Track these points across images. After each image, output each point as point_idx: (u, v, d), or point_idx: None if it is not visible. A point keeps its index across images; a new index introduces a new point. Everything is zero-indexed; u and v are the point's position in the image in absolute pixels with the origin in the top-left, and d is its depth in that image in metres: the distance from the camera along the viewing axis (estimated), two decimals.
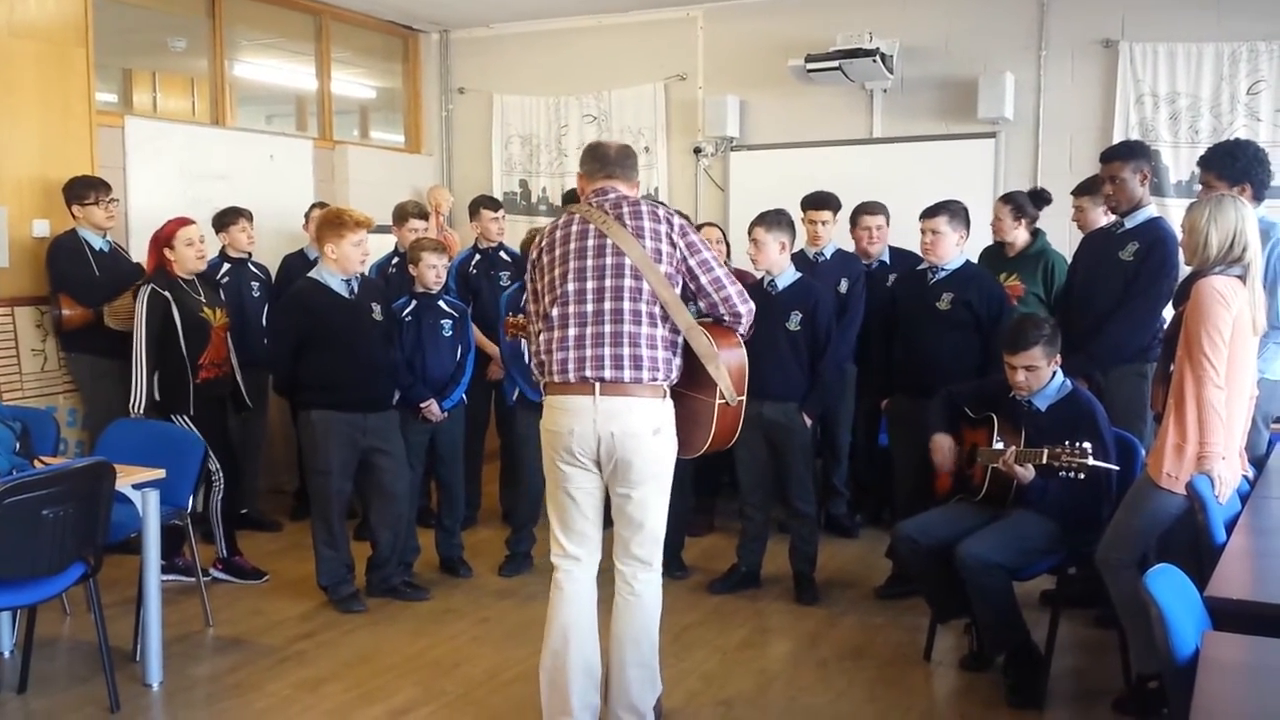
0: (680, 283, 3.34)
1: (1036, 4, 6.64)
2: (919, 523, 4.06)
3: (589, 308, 3.31)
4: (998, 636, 3.90)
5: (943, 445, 4.19)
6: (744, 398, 3.40)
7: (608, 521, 3.50)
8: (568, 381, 3.32)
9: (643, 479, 3.34)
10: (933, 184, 6.43)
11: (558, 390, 3.35)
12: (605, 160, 3.49)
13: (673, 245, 3.32)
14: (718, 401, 3.32)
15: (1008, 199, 5.41)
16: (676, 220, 3.38)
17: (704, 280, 3.33)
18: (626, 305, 3.29)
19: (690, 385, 3.39)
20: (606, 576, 3.45)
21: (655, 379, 3.31)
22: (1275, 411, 4.05)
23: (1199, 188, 4.27)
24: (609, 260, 3.31)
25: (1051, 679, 3.86)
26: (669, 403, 3.37)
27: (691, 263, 3.33)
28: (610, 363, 3.28)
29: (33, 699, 3.88)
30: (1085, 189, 5.25)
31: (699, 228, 5.96)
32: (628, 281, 3.29)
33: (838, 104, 7.14)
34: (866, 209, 5.82)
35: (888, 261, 5.79)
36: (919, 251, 4.90)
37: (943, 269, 4.71)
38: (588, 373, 3.29)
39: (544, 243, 3.45)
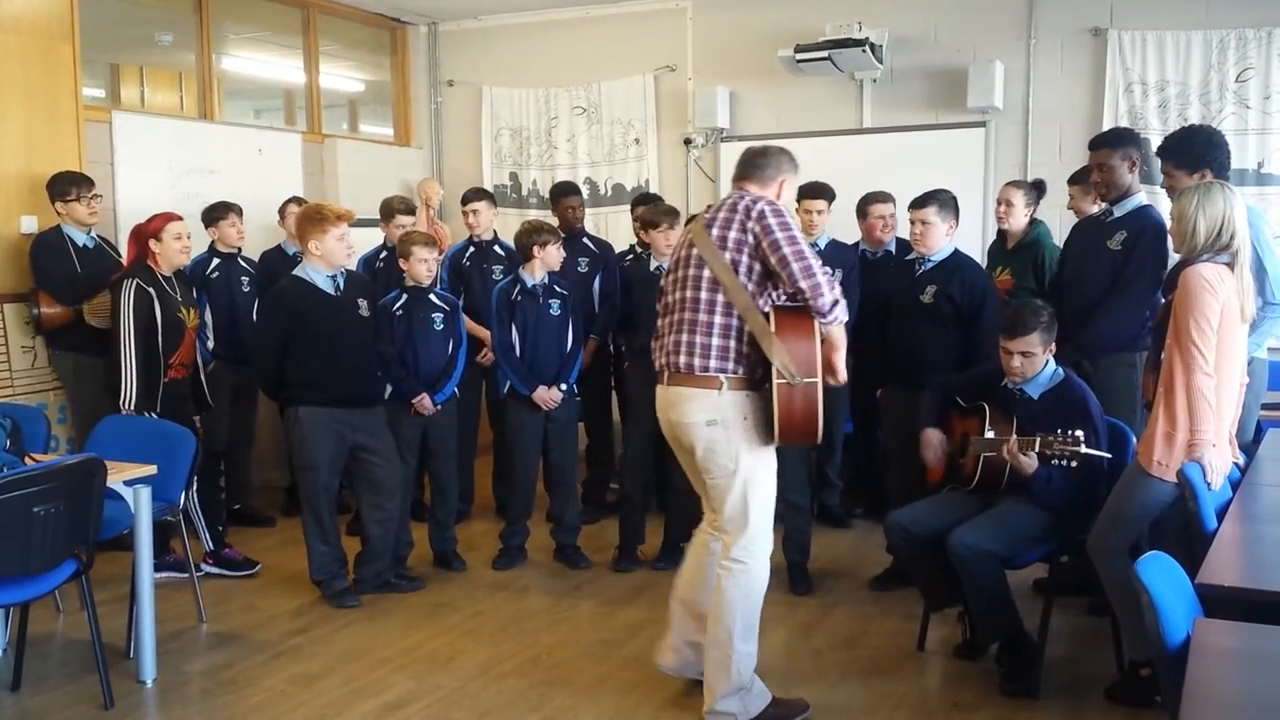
0: (754, 268, 3.38)
1: None
2: (911, 512, 4.07)
3: (670, 298, 3.55)
4: (991, 625, 3.92)
5: (932, 440, 4.19)
6: (816, 381, 3.33)
7: None
8: (655, 369, 3.60)
9: (708, 467, 3.46)
10: (923, 173, 6.39)
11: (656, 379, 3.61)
12: (741, 164, 3.65)
13: (744, 230, 3.38)
14: (777, 381, 3.30)
15: (1019, 184, 5.43)
16: (757, 207, 3.39)
17: (773, 260, 3.35)
18: (689, 293, 3.45)
19: (767, 374, 3.39)
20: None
21: (707, 368, 3.40)
22: (1264, 391, 4.06)
23: (1163, 178, 4.29)
24: (685, 254, 3.54)
25: (1045, 667, 3.87)
26: (733, 394, 3.41)
27: (764, 244, 3.36)
28: (672, 349, 3.47)
29: (26, 696, 3.88)
30: (1078, 178, 5.26)
31: (691, 218, 5.98)
32: (693, 271, 3.46)
33: (827, 94, 7.14)
34: (877, 198, 5.75)
35: (893, 251, 5.75)
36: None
37: (929, 260, 4.67)
38: (662, 360, 3.51)
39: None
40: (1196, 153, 4.07)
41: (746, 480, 3.44)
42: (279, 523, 6.11)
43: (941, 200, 4.64)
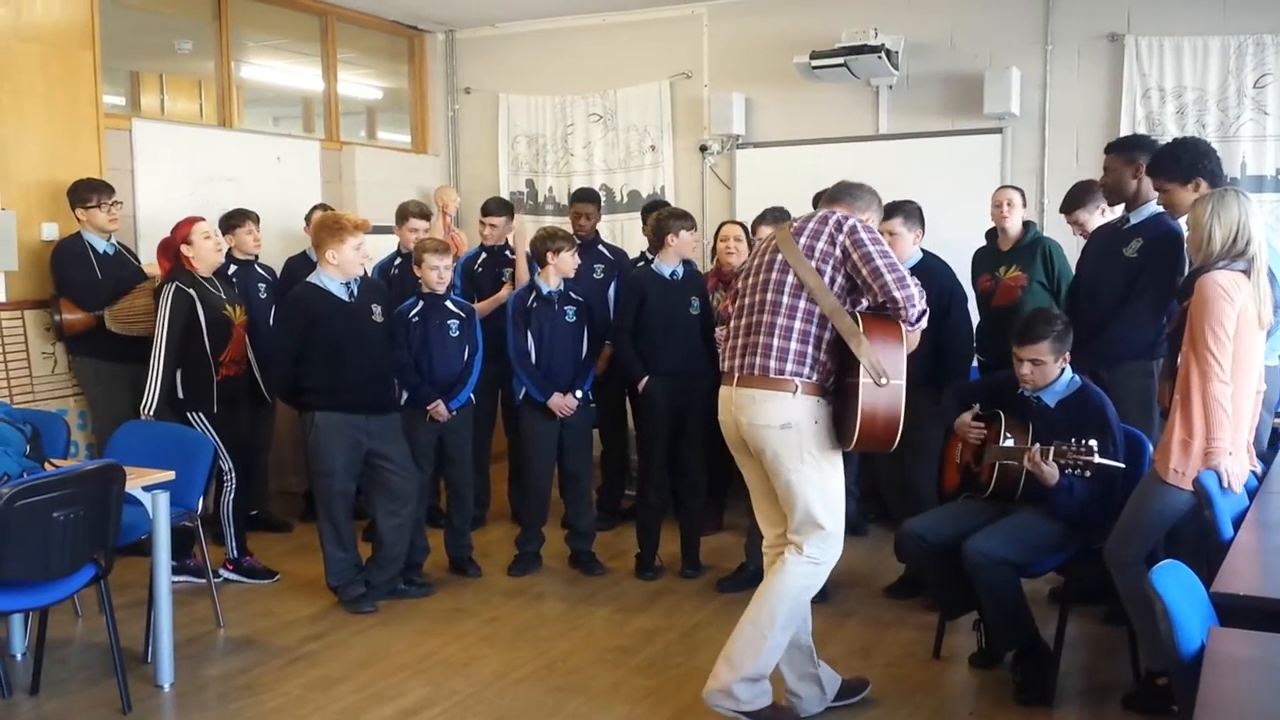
0: (836, 279, 3.42)
1: None
2: (926, 520, 4.06)
3: (747, 301, 3.57)
4: (1006, 633, 3.90)
5: (966, 418, 4.19)
6: (901, 383, 3.33)
7: None
8: (723, 372, 3.63)
9: (779, 469, 3.47)
10: (939, 180, 6.44)
11: (722, 380, 3.64)
12: (834, 190, 3.73)
13: (831, 243, 3.41)
14: (863, 380, 3.29)
15: (1014, 187, 5.48)
16: (849, 222, 3.44)
17: (865, 271, 3.37)
18: (770, 296, 3.47)
19: (846, 374, 3.41)
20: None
21: (783, 370, 3.42)
22: (1277, 400, 4.04)
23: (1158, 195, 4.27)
24: (767, 259, 3.55)
25: (1061, 676, 3.86)
26: (807, 399, 3.43)
27: (855, 256, 3.38)
28: (747, 351, 3.49)
29: (45, 701, 3.90)
30: (1076, 203, 5.20)
31: (720, 225, 5.97)
32: (775, 275, 3.48)
33: (843, 101, 7.14)
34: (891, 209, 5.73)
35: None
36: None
37: None
38: (735, 360, 3.53)
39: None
40: (1187, 162, 4.05)
41: (817, 484, 3.47)
42: (296, 528, 6.13)
43: (907, 211, 4.76)
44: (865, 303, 3.47)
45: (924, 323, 3.41)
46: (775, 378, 3.42)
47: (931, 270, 4.76)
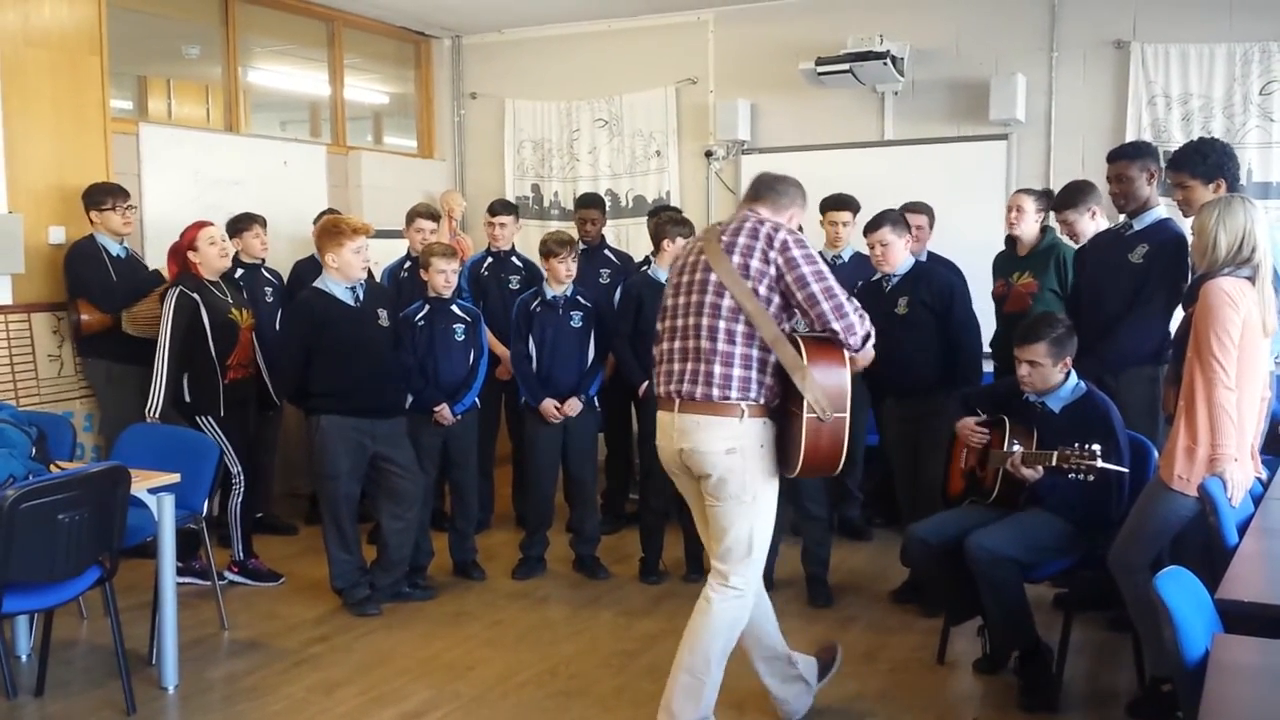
0: (773, 299, 3.30)
1: (1047, 5, 6.63)
2: (931, 524, 4.07)
3: (679, 323, 3.42)
4: (1007, 633, 3.90)
5: (969, 422, 4.19)
6: (844, 416, 3.24)
7: None
8: (659, 395, 3.48)
9: (720, 495, 3.36)
10: (945, 186, 6.45)
11: (657, 404, 3.50)
12: (755, 186, 3.57)
13: (767, 261, 3.28)
14: (807, 415, 3.21)
15: (1030, 191, 5.41)
16: (780, 236, 3.29)
17: (800, 297, 3.26)
18: (705, 321, 3.32)
19: (790, 401, 3.32)
20: None
21: (729, 397, 3.29)
22: None
23: (1175, 190, 4.26)
24: (698, 276, 3.38)
25: (1065, 681, 3.85)
26: (753, 422, 3.32)
27: (789, 279, 3.26)
28: (688, 378, 3.36)
29: (49, 702, 3.91)
30: (1067, 203, 5.05)
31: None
32: (709, 298, 3.33)
33: (849, 107, 7.14)
34: (910, 208, 5.67)
35: (924, 260, 5.70)
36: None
37: (895, 275, 4.80)
38: (671, 387, 3.40)
39: (674, 263, 3.60)
40: (1213, 162, 4.06)
41: (755, 509, 3.38)
42: (301, 531, 6.14)
43: (893, 219, 4.81)
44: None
45: (870, 347, 3.35)
46: (720, 403, 3.29)
47: (926, 271, 4.86)
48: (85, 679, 4.15)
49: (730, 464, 3.32)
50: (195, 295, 4.95)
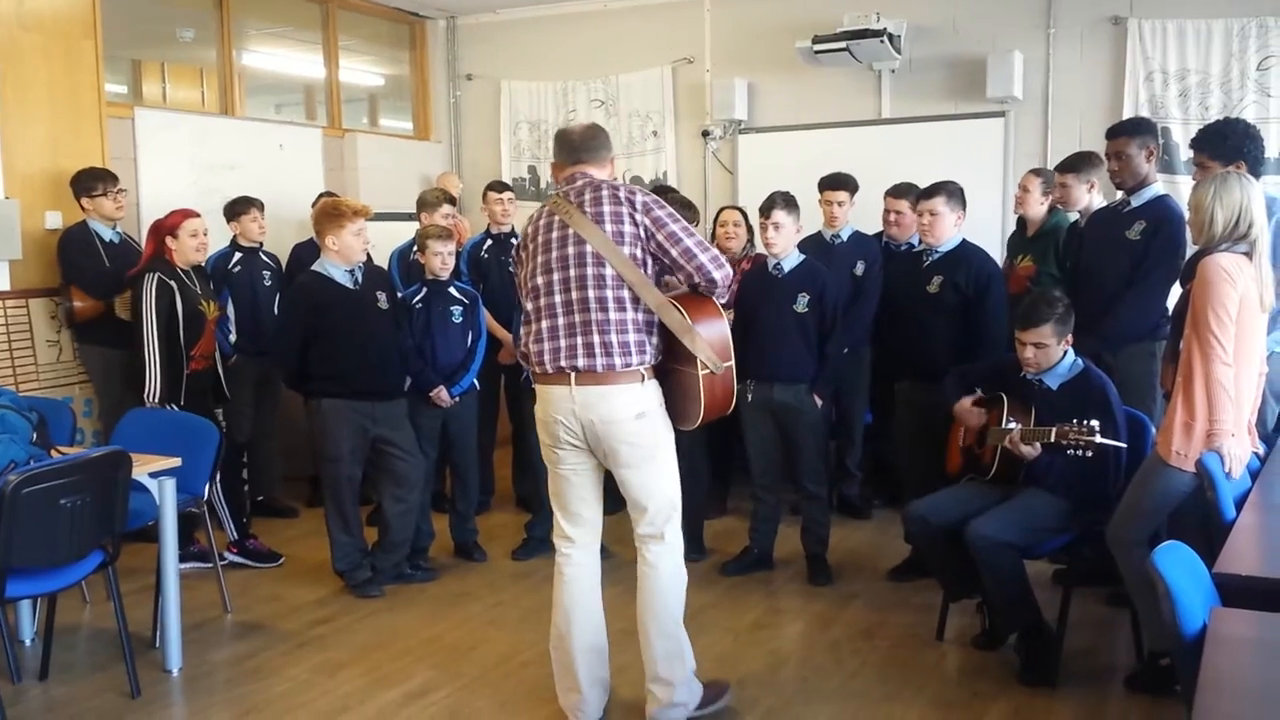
0: (648, 261, 3.32)
1: None
2: (930, 503, 4.07)
3: (558, 299, 3.35)
4: (1009, 615, 3.92)
5: (966, 404, 4.19)
6: (731, 364, 3.33)
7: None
8: (547, 372, 3.39)
9: (634, 461, 3.38)
10: (942, 164, 6.38)
11: (540, 380, 3.44)
12: (572, 147, 3.50)
13: (635, 224, 3.29)
14: (701, 372, 3.28)
15: (1039, 172, 5.39)
16: (640, 198, 3.32)
17: (675, 253, 3.28)
18: (592, 293, 3.30)
19: (675, 360, 3.37)
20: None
21: (629, 364, 3.31)
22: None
23: (1195, 169, 4.27)
24: (571, 250, 3.32)
25: (1064, 657, 3.87)
26: (652, 384, 3.37)
27: (659, 238, 3.29)
28: (583, 352, 3.32)
29: (54, 686, 3.93)
30: (1070, 166, 5.08)
31: (720, 210, 5.99)
32: (590, 270, 3.30)
33: (846, 85, 7.13)
34: (892, 191, 5.66)
35: (915, 244, 5.71)
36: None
37: (936, 251, 4.65)
38: (563, 363, 3.35)
39: (523, 237, 3.50)
40: (1232, 144, 4.06)
41: (670, 465, 3.45)
42: (303, 514, 6.16)
43: (949, 191, 4.61)
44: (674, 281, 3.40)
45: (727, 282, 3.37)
46: (623, 370, 3.30)
47: (968, 256, 4.63)
48: (89, 663, 4.17)
49: (640, 428, 3.35)
50: (172, 283, 4.91)
